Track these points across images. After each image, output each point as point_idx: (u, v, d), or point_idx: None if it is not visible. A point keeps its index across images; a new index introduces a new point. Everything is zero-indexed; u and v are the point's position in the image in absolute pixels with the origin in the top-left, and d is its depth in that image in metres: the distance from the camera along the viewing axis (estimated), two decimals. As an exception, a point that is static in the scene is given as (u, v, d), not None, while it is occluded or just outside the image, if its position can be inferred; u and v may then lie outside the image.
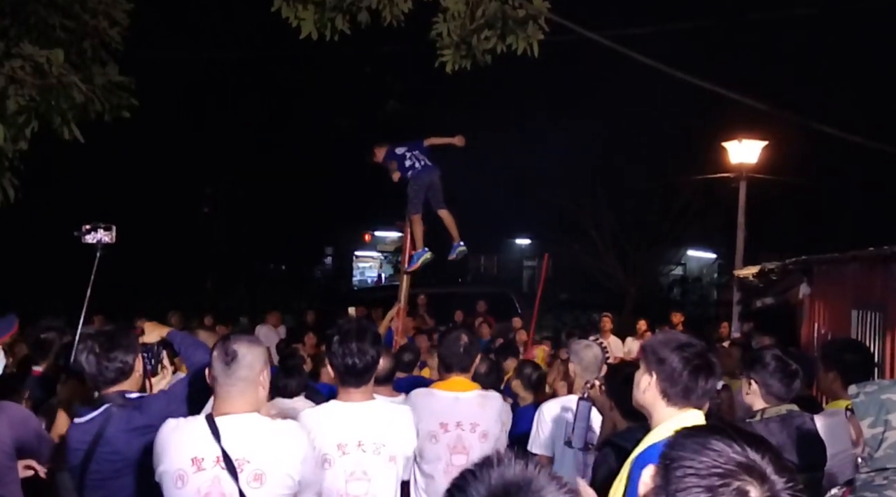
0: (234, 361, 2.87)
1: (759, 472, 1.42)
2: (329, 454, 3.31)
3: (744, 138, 14.40)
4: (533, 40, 6.18)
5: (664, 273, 26.98)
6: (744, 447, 1.45)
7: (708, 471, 1.43)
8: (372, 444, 3.36)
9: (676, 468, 1.47)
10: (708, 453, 1.45)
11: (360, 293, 22.20)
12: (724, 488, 1.40)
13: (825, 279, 8.58)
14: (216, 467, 2.79)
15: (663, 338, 2.85)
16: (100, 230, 4.50)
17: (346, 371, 3.38)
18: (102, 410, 3.26)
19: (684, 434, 1.55)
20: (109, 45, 7.79)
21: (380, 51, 15.53)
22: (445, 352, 4.26)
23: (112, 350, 3.32)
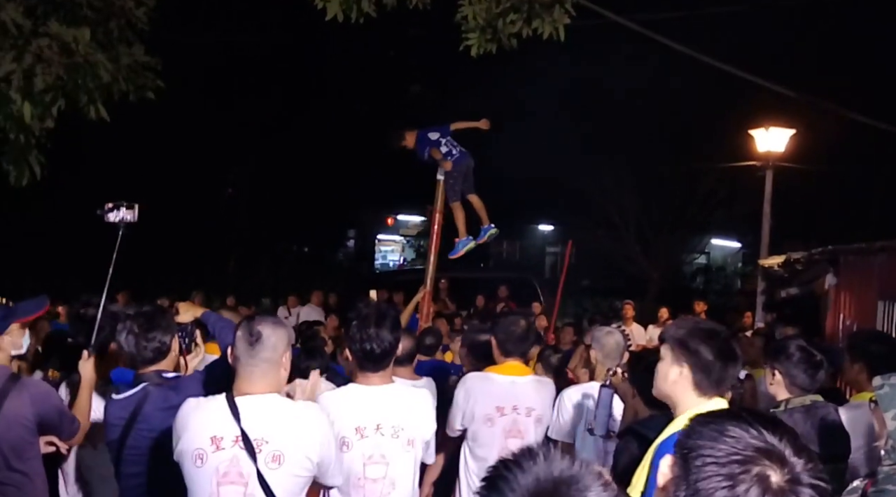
0: (259, 342, 2.86)
1: (779, 456, 1.40)
2: (347, 437, 3.32)
3: (771, 126, 14.22)
4: (559, 24, 6.12)
5: (687, 261, 26.80)
6: (761, 431, 1.43)
7: (727, 458, 1.41)
8: (390, 428, 3.36)
9: (695, 457, 1.45)
10: (725, 440, 1.43)
11: (383, 276, 22.20)
12: (745, 475, 1.39)
13: (851, 270, 8.49)
14: (235, 447, 2.79)
15: (686, 327, 2.80)
16: (122, 209, 4.48)
17: (364, 356, 3.38)
18: (140, 388, 3.36)
19: (700, 421, 1.53)
20: (135, 25, 7.78)
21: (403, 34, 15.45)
22: (504, 336, 4.27)
23: (151, 330, 3.41)
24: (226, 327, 3.76)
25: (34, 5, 7.25)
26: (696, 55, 7.76)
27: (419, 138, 7.46)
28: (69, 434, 3.83)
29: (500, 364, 4.29)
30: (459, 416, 4.20)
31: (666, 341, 2.76)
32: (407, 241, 30.48)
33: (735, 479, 1.39)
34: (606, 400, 3.85)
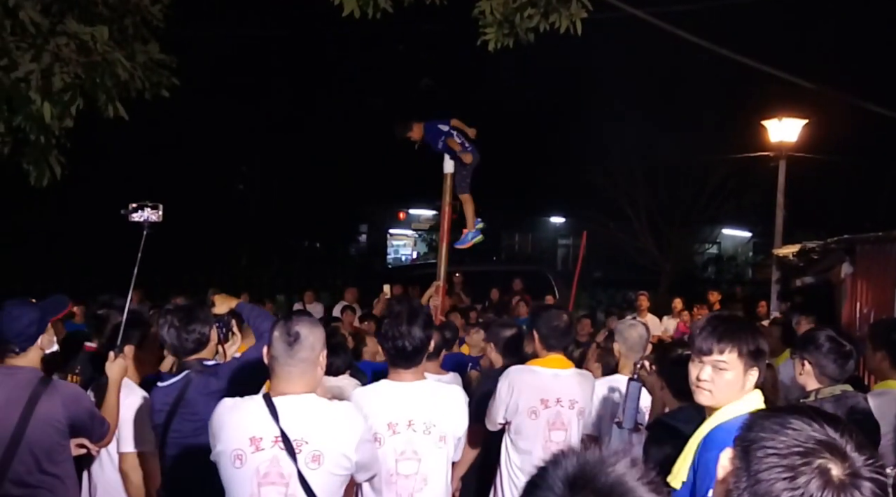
0: (297, 342, 2.87)
1: (840, 450, 1.42)
2: (379, 433, 3.34)
3: (784, 117, 14.17)
4: (576, 18, 6.12)
5: (699, 251, 26.77)
6: (823, 425, 1.45)
7: (788, 450, 1.43)
8: (422, 424, 3.39)
9: (757, 449, 1.47)
10: (787, 432, 1.45)
11: (396, 271, 22.25)
12: (806, 467, 1.40)
13: (868, 258, 8.47)
14: (275, 447, 2.80)
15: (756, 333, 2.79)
16: (147, 209, 4.52)
17: (397, 353, 3.41)
18: (183, 376, 3.61)
19: (761, 415, 1.55)
20: (151, 22, 7.81)
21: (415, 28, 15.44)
22: (547, 331, 4.30)
23: (191, 323, 3.67)
24: (260, 316, 4.00)
25: (49, 3, 7.28)
26: (710, 46, 7.75)
27: (428, 129, 7.45)
28: (99, 436, 3.86)
29: (543, 358, 4.31)
30: (503, 410, 4.21)
31: (739, 354, 2.68)
32: (419, 236, 30.50)
33: (796, 471, 1.40)
34: (635, 393, 3.87)
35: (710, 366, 2.69)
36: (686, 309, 12.31)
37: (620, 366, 4.70)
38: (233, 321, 4.27)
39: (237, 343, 4.25)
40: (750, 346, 2.67)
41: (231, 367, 3.69)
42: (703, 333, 2.74)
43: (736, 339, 2.68)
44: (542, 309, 4.61)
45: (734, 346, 2.67)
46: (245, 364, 3.67)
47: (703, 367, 2.70)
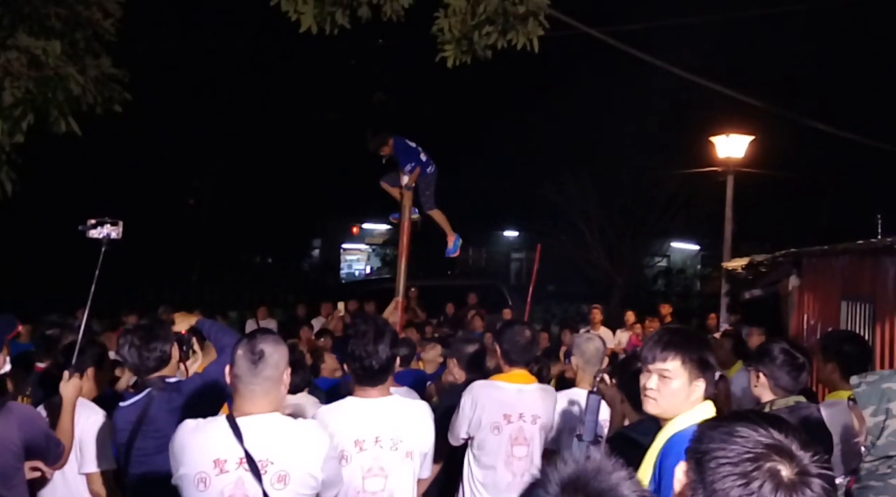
0: (262, 361, 2.85)
1: (787, 451, 1.48)
2: (346, 450, 3.32)
3: (731, 133, 14.50)
4: (533, 36, 6.22)
5: (649, 265, 27.17)
6: (768, 429, 1.51)
7: (739, 457, 1.48)
8: (389, 440, 3.38)
9: (709, 460, 1.52)
10: (736, 440, 1.51)
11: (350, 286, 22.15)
12: (757, 472, 1.46)
13: (815, 271, 8.68)
14: (239, 469, 2.76)
15: (699, 341, 2.85)
16: (106, 225, 4.46)
17: (364, 373, 3.40)
18: (145, 394, 3.59)
19: (709, 426, 1.60)
20: (103, 36, 7.71)
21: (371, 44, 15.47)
22: (509, 346, 4.32)
23: (151, 341, 3.66)
24: (220, 331, 4.02)
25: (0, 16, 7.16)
26: (661, 64, 7.92)
27: (402, 148, 7.41)
28: (54, 458, 3.79)
29: (506, 372, 4.35)
30: (466, 424, 4.23)
31: (683, 363, 2.74)
32: (373, 250, 30.42)
33: (748, 477, 1.46)
34: (594, 406, 3.92)
35: (656, 375, 2.75)
36: (638, 321, 12.47)
37: (578, 379, 4.76)
38: (193, 338, 4.25)
39: (198, 360, 4.25)
40: (694, 355, 2.73)
41: (194, 383, 3.69)
42: (649, 343, 2.82)
43: (680, 349, 2.74)
44: (505, 324, 4.64)
45: (677, 355, 2.72)
46: (208, 380, 3.67)
47: (650, 376, 2.76)
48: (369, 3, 6.17)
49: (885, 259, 6.39)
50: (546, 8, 6.16)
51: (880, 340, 6.40)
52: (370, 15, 6.31)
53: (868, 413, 2.98)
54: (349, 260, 32.90)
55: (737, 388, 6.18)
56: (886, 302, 6.39)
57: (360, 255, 32.74)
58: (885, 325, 6.33)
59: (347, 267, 32.43)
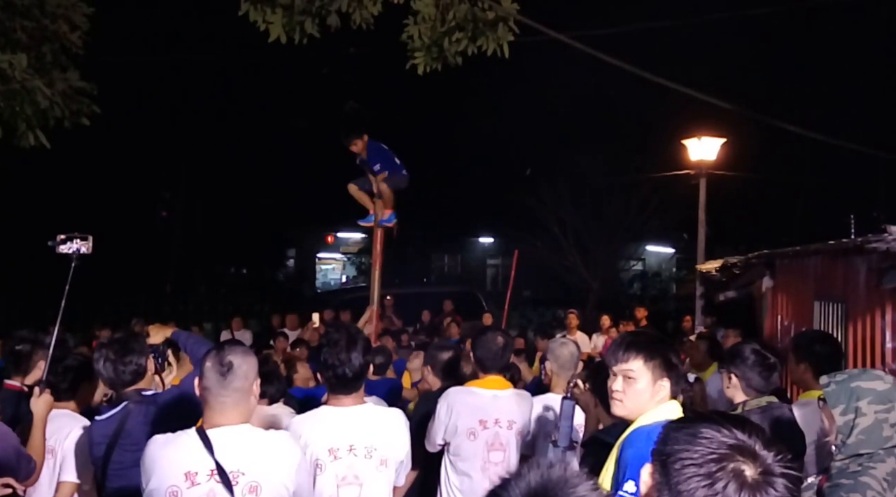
0: (230, 372, 2.85)
1: (750, 451, 1.49)
2: (321, 459, 3.32)
3: (703, 136, 14.61)
4: (503, 41, 6.24)
5: (625, 268, 27.32)
6: (731, 430, 1.52)
7: (703, 458, 1.49)
8: (363, 448, 3.38)
9: (674, 462, 1.53)
10: (700, 442, 1.52)
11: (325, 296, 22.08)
12: (721, 472, 1.47)
13: (788, 272, 8.75)
14: (210, 481, 2.75)
15: (659, 343, 2.88)
16: (76, 240, 4.42)
17: (338, 381, 3.40)
18: (121, 408, 3.59)
19: (673, 428, 1.61)
20: (70, 49, 7.65)
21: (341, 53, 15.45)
22: (482, 353, 4.33)
23: (126, 355, 3.67)
24: (197, 342, 4.01)
25: (-36, 31, 7.08)
26: (631, 69, 7.95)
27: (375, 149, 7.38)
28: (26, 475, 3.74)
29: (481, 379, 4.34)
30: (442, 431, 4.23)
31: (645, 362, 2.79)
32: (348, 259, 30.34)
33: (713, 477, 1.47)
34: (569, 411, 3.92)
35: (621, 376, 2.81)
36: (614, 325, 12.52)
37: (553, 384, 4.76)
38: (168, 350, 4.26)
39: (174, 372, 4.26)
40: (656, 355, 2.79)
41: (171, 396, 3.70)
42: (612, 347, 2.90)
43: (642, 350, 2.80)
44: (478, 331, 4.64)
45: (639, 355, 2.78)
46: (185, 392, 3.65)
47: (615, 379, 2.83)
48: (338, 12, 6.15)
49: (856, 259, 6.44)
50: (515, 13, 6.17)
51: (853, 340, 6.45)
52: (339, 23, 6.29)
53: (837, 412, 3.00)
54: (324, 269, 32.79)
55: (713, 390, 6.20)
56: (858, 301, 6.44)
57: (335, 264, 32.65)
58: (857, 325, 6.38)
59: (323, 276, 32.31)
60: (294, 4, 6.11)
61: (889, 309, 5.73)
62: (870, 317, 6.09)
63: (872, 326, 6.03)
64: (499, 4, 6.14)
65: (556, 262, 22.76)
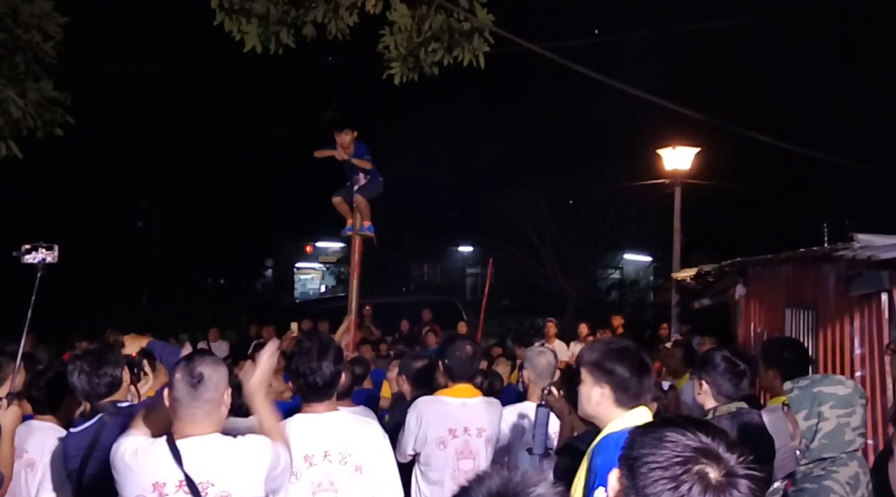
0: (201, 383, 2.84)
1: (714, 454, 1.53)
2: (296, 466, 3.31)
3: (677, 145, 14.74)
4: (478, 52, 6.30)
5: (603, 277, 27.45)
6: (696, 433, 1.55)
7: (669, 461, 1.52)
8: (338, 454, 3.38)
9: (640, 465, 1.56)
10: (666, 445, 1.55)
11: (304, 306, 22.00)
12: (686, 475, 1.50)
13: (760, 280, 8.86)
14: (179, 492, 2.75)
15: (600, 349, 2.96)
16: (41, 250, 4.39)
17: (309, 389, 3.41)
18: (96, 420, 3.52)
19: (640, 432, 1.65)
20: (43, 59, 7.61)
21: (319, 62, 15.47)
22: (451, 362, 4.35)
23: (101, 366, 3.60)
24: (172, 353, 4.01)
25: (-65, 39, 7.03)
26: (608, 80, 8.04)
27: (362, 150, 7.36)
28: None
29: (450, 387, 4.36)
30: (412, 441, 4.24)
31: (583, 365, 2.91)
32: (327, 269, 30.23)
33: (678, 480, 1.50)
34: (543, 419, 3.95)
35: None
36: (592, 334, 12.57)
37: (530, 393, 4.79)
38: (144, 361, 4.23)
39: (149, 382, 4.22)
40: (592, 361, 2.89)
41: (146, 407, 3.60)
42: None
43: (584, 356, 2.93)
44: (447, 340, 4.67)
45: (583, 362, 2.93)
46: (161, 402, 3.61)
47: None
48: (314, 22, 6.18)
49: (826, 267, 6.54)
50: (491, 25, 6.23)
51: (823, 346, 6.55)
52: (315, 34, 6.31)
53: (801, 417, 3.06)
54: (303, 279, 32.66)
55: (687, 397, 6.24)
56: (828, 309, 6.54)
57: (314, 273, 32.50)
58: (827, 332, 6.47)
59: (301, 286, 32.17)
60: (269, 15, 6.13)
61: (857, 316, 5.82)
62: (839, 324, 6.19)
63: (842, 333, 6.12)
64: (474, 16, 6.20)
65: (535, 270, 22.85)
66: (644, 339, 13.91)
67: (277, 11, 6.20)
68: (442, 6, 6.14)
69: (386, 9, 6.29)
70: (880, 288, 5.39)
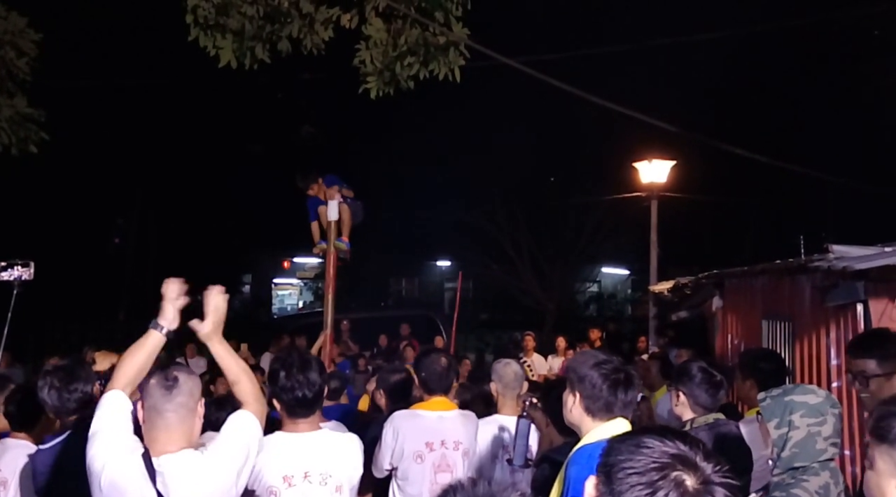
0: (176, 387, 2.80)
1: (691, 461, 1.52)
2: (275, 486, 3.28)
3: (653, 159, 14.84)
4: (454, 65, 6.32)
5: (581, 290, 27.53)
6: (674, 441, 1.56)
7: (646, 467, 1.52)
8: (318, 475, 3.35)
9: (617, 472, 1.55)
10: (643, 451, 1.55)
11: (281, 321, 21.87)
12: (663, 481, 1.50)
13: (736, 292, 8.90)
14: None
15: (581, 357, 3.01)
16: (17, 267, 4.38)
17: (297, 403, 3.38)
18: (65, 436, 3.49)
19: (618, 440, 1.65)
20: (17, 75, 7.56)
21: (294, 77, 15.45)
22: (427, 375, 4.35)
23: (72, 382, 3.58)
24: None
25: None
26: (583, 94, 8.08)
27: (332, 181, 7.49)
28: None
29: (426, 400, 4.35)
30: (389, 455, 4.22)
31: (568, 377, 3.01)
32: (305, 285, 30.14)
33: (654, 486, 1.50)
34: (524, 431, 3.95)
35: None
36: (570, 347, 12.59)
37: (500, 405, 4.77)
38: None
39: None
40: (570, 365, 3.08)
41: None
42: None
43: (569, 366, 3.08)
44: (422, 353, 4.67)
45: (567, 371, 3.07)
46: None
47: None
48: (289, 37, 6.17)
49: (801, 278, 6.58)
50: (466, 38, 6.26)
51: (799, 357, 6.58)
52: (290, 49, 6.31)
53: (772, 425, 3.07)
54: (281, 295, 32.53)
55: (663, 410, 6.26)
56: (804, 320, 6.57)
57: (291, 289, 32.40)
58: (804, 342, 6.51)
59: (279, 302, 32.04)
60: (245, 30, 6.11)
61: (833, 327, 5.85)
62: (815, 335, 6.22)
63: (818, 344, 6.15)
64: (450, 30, 6.23)
65: (513, 285, 22.88)
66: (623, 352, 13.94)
67: (253, 27, 6.19)
68: (417, 20, 6.16)
69: (361, 23, 6.31)
70: (856, 299, 5.43)
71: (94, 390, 3.67)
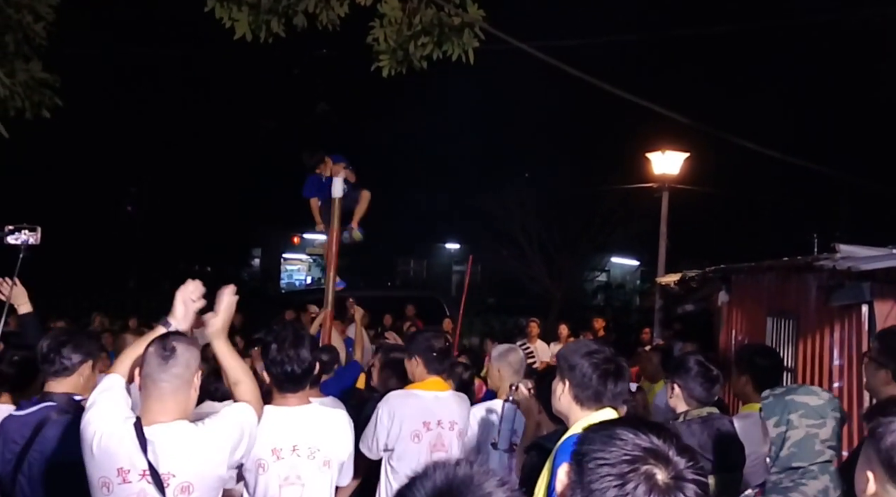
0: (173, 357, 2.81)
1: (664, 456, 1.52)
2: (263, 459, 3.31)
3: (667, 150, 14.75)
4: (468, 47, 6.30)
5: (588, 279, 27.46)
6: (647, 434, 1.55)
7: (617, 459, 1.52)
8: (307, 449, 3.37)
9: (589, 461, 1.55)
10: (616, 443, 1.54)
11: (290, 296, 21.95)
12: (633, 473, 1.49)
13: (742, 287, 8.87)
14: (142, 481, 2.72)
15: (573, 346, 3.01)
16: (24, 231, 4.38)
17: (286, 378, 3.40)
18: (42, 406, 3.35)
19: (593, 429, 1.65)
20: (33, 40, 7.56)
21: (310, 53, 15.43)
22: (424, 355, 4.36)
23: (64, 345, 3.45)
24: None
25: (-77, 17, 6.97)
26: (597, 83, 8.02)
27: (336, 161, 7.51)
28: None
29: (423, 381, 4.36)
30: (384, 436, 4.21)
31: (558, 366, 3.01)
32: (314, 261, 30.18)
33: (624, 478, 1.50)
34: (510, 415, 3.97)
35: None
36: (573, 335, 12.57)
37: (500, 390, 4.78)
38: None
39: None
40: (560, 353, 3.08)
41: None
42: None
43: (559, 352, 3.14)
44: (418, 333, 4.67)
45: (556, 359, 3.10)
46: None
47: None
48: (305, 12, 6.16)
49: (808, 276, 6.54)
50: (481, 20, 6.23)
51: (802, 356, 6.55)
52: (306, 23, 6.29)
53: (771, 424, 3.05)
54: (290, 270, 32.62)
55: (661, 402, 6.26)
56: (808, 318, 6.54)
57: (300, 265, 32.48)
58: (808, 341, 6.48)
59: (288, 277, 32.13)
60: (261, 3, 6.10)
61: (837, 327, 5.83)
62: (819, 334, 6.20)
63: (821, 343, 6.13)
64: (465, 11, 6.20)
65: (521, 270, 22.85)
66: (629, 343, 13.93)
67: (269, 0, 6.18)
68: (433, 0, 6.13)
69: (377, 1, 6.28)
70: (861, 299, 5.39)
71: (83, 366, 3.52)
